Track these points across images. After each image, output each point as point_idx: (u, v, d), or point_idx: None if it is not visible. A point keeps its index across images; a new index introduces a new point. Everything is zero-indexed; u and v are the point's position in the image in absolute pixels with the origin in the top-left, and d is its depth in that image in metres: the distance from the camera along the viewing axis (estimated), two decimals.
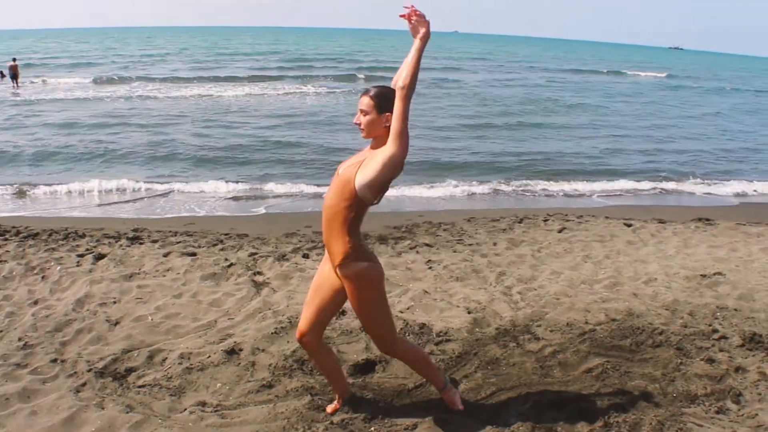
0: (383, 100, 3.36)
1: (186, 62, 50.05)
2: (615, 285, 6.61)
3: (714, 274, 7.02)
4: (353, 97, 29.75)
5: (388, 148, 3.26)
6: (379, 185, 3.36)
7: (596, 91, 38.71)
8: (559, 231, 8.93)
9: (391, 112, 3.29)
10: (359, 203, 3.40)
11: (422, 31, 3.30)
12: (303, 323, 3.76)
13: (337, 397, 4.04)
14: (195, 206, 11.39)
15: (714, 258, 7.74)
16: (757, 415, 4.06)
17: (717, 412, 4.09)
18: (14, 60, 33.81)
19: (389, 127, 3.31)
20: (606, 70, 60.14)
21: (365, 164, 3.36)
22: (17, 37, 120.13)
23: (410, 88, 3.23)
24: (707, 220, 10.04)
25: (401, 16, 3.36)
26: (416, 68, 3.25)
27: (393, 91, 3.34)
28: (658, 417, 3.93)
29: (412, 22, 3.33)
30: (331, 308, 3.78)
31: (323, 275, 3.75)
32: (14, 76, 32.63)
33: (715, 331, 5.37)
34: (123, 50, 66.40)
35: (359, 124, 3.45)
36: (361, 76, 41.51)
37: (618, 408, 4.06)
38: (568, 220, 9.73)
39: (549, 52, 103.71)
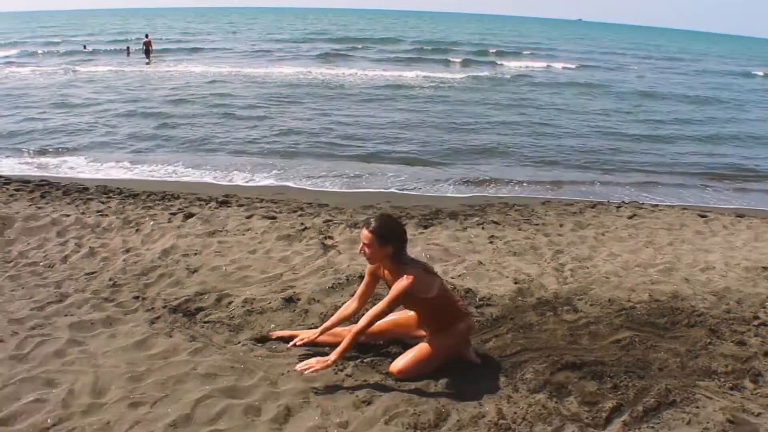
0: (382, 234, 3.90)
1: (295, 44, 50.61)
2: (670, 270, 6.70)
3: None
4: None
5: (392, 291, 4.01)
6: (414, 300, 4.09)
7: None
8: (629, 217, 8.99)
9: (392, 245, 3.94)
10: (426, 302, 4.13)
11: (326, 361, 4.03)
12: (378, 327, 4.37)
13: None
14: (289, 179, 12.04)
15: None
16: None
17: (731, 388, 4.25)
18: (147, 36, 35.97)
19: (391, 256, 3.98)
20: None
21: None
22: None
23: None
24: None
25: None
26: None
27: (391, 223, 4.01)
28: (668, 385, 4.16)
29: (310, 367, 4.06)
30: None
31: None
32: (147, 52, 34.78)
33: (757, 318, 5.44)
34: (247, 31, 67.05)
35: (364, 255, 4.06)
36: (457, 59, 41.15)
37: (632, 374, 4.31)
38: (641, 208, 9.76)
39: (694, 46, 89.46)
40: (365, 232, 3.96)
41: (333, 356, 3.97)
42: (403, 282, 3.90)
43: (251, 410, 3.76)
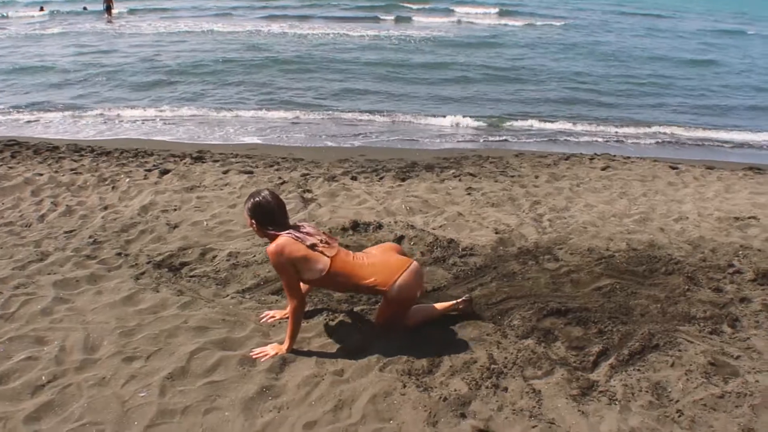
0: (254, 214, 3.88)
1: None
2: (645, 220, 6.84)
3: (748, 217, 7.13)
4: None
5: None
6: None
7: None
8: (603, 169, 9.12)
9: (254, 219, 3.90)
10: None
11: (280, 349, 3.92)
12: None
13: None
14: (259, 133, 11.96)
15: (753, 203, 7.80)
16: (749, 339, 4.35)
17: (710, 333, 4.40)
18: None
19: (260, 230, 3.93)
20: None
21: None
22: None
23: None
24: (758, 169, 9.98)
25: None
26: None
27: (254, 199, 3.89)
28: (650, 330, 4.29)
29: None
30: None
31: None
32: (108, 9, 33.69)
33: (732, 266, 5.59)
34: None
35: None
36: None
37: (615, 320, 4.44)
38: (614, 160, 9.88)
39: (668, 2, 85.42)
40: (245, 213, 3.99)
41: (286, 343, 3.89)
42: (269, 254, 3.83)
43: (246, 361, 3.80)
